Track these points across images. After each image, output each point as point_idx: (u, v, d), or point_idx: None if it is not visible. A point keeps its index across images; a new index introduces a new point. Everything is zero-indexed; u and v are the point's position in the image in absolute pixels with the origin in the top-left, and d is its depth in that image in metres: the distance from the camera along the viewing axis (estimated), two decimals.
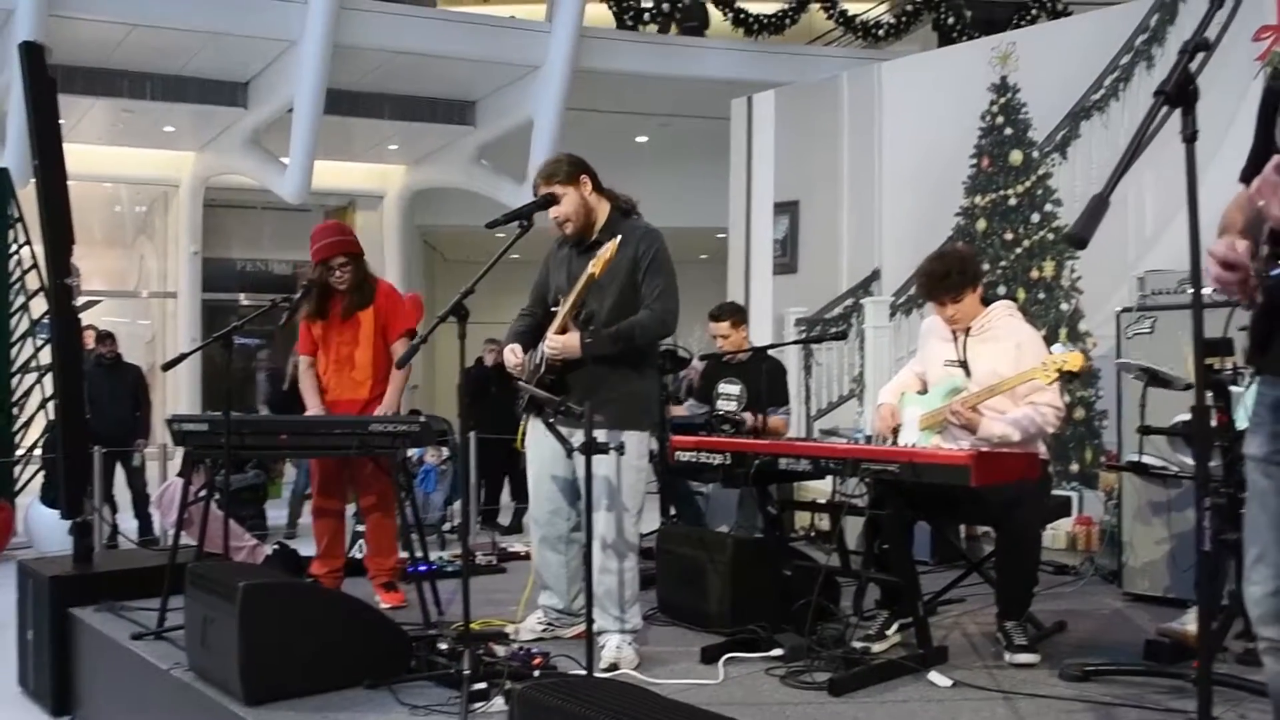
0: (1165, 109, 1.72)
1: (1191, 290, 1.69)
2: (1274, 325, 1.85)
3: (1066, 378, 3.67)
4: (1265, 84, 1.96)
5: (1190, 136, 1.67)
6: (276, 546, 5.50)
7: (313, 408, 4.74)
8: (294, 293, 4.67)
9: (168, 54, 10.04)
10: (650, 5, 11.53)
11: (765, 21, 11.83)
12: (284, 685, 3.23)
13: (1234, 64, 5.61)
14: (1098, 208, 1.63)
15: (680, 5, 11.63)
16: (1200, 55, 1.76)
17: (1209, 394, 3.60)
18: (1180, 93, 1.69)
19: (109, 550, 6.82)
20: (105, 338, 8.37)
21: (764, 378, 5.22)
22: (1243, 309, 1.93)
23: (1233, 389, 3.46)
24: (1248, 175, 1.93)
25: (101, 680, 4.19)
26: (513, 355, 3.88)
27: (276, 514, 8.58)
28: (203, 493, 4.51)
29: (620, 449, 3.48)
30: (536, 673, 3.38)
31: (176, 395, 11.87)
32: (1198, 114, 1.72)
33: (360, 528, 5.41)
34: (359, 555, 5.17)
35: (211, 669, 3.39)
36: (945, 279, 3.95)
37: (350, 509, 5.06)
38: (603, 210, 3.88)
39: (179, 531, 4.41)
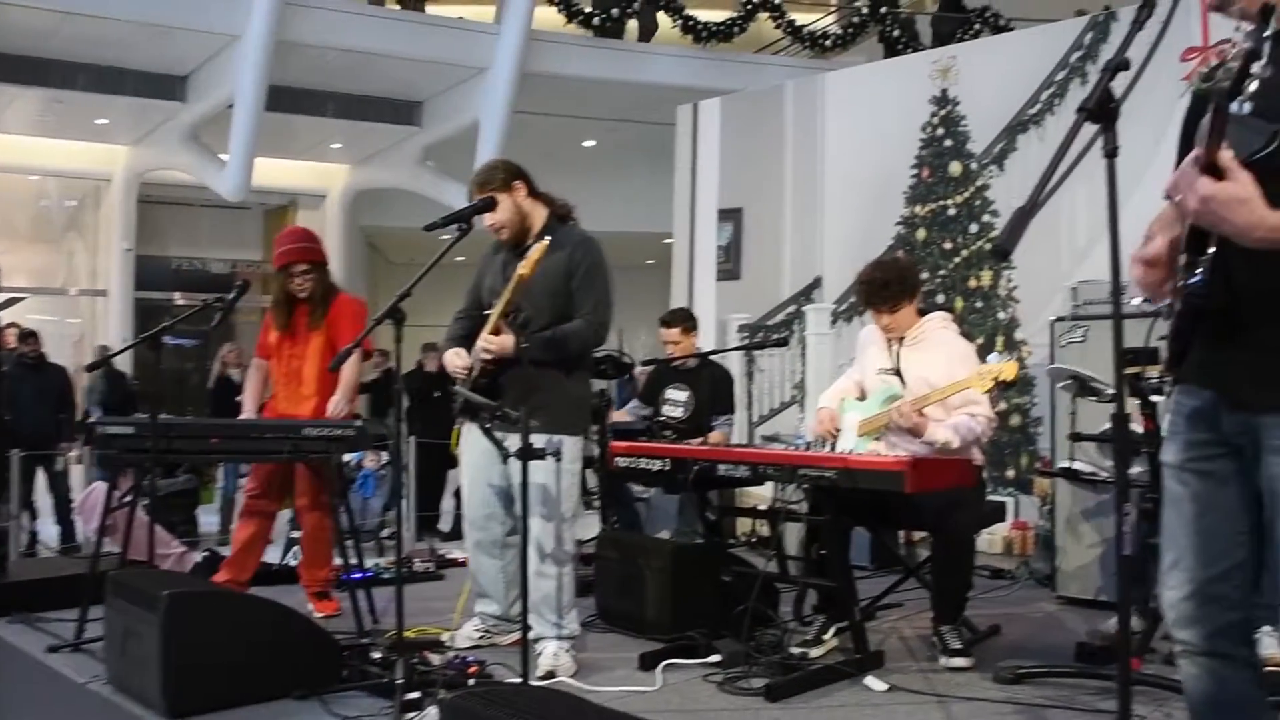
0: (1097, 127, 1.74)
1: (1112, 301, 1.71)
2: (1191, 335, 1.88)
3: (1001, 386, 3.73)
4: (1191, 98, 2.00)
5: (1111, 152, 1.70)
6: (206, 554, 5.39)
7: (247, 411, 4.66)
8: (229, 293, 4.58)
9: (103, 44, 9.80)
10: (599, 11, 11.50)
11: (714, 29, 11.86)
12: (208, 697, 3.14)
13: (1162, 84, 5.72)
14: (1020, 220, 1.65)
15: (630, 11, 11.62)
16: (1121, 74, 1.79)
17: (1136, 402, 3.68)
18: (1101, 109, 1.71)
19: (26, 559, 6.62)
20: (28, 337, 8.12)
21: (709, 384, 5.23)
22: (1163, 318, 1.97)
23: (1156, 398, 3.53)
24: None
25: (12, 696, 4.03)
26: (456, 358, 3.85)
27: (210, 519, 8.41)
28: (128, 498, 4.39)
29: (557, 454, 3.47)
30: (471, 681, 3.35)
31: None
32: (1129, 132, 1.75)
33: (296, 534, 5.32)
34: (294, 563, 5.09)
35: (132, 682, 3.29)
36: (884, 289, 4.00)
37: (286, 514, 4.97)
38: (538, 215, 3.87)
39: (101, 538, 4.28)
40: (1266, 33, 1.74)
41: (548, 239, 3.61)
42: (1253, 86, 1.71)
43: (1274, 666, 2.99)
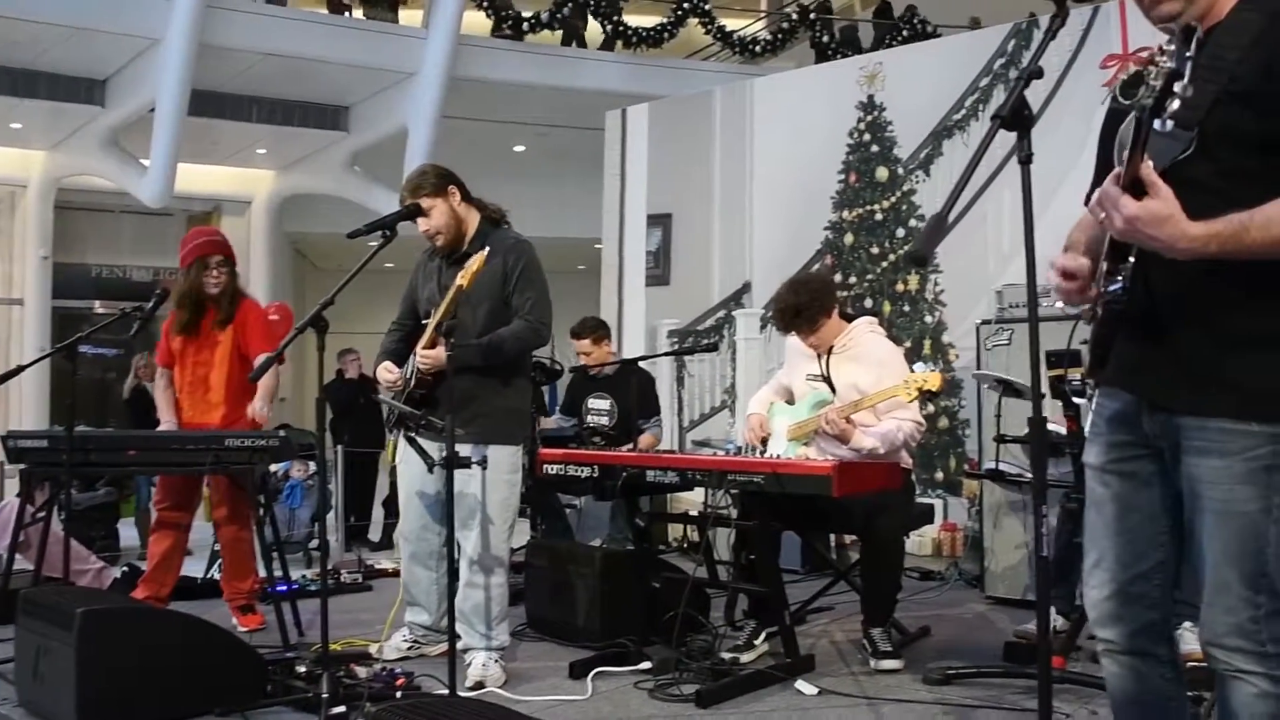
0: (1021, 137, 1.75)
1: (1029, 305, 1.73)
2: (1112, 340, 1.91)
3: (926, 396, 3.77)
4: (1108, 107, 2.03)
5: (1026, 159, 1.71)
6: (125, 569, 5.24)
7: (165, 422, 4.54)
8: (149, 301, 4.46)
9: (17, 46, 9.51)
10: (530, 15, 11.47)
11: (644, 34, 11.88)
12: (125, 718, 3.05)
13: (1084, 90, 5.86)
14: (936, 227, 1.67)
15: (559, 17, 11.60)
16: (1042, 82, 1.81)
17: (1060, 404, 3.74)
18: (1015, 117, 1.73)
19: None
20: None
21: (634, 390, 5.22)
22: (1084, 323, 2.01)
23: (1078, 400, 3.59)
24: (1090, 200, 2.00)
25: None
26: (387, 373, 3.80)
27: (131, 533, 8.19)
28: (42, 513, 4.25)
29: (483, 463, 3.43)
30: (398, 694, 3.30)
31: (21, 409, 11.26)
32: (1050, 138, 1.77)
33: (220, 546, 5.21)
34: (218, 576, 4.97)
35: (45, 703, 3.19)
36: (799, 315, 4.02)
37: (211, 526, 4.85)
38: (472, 220, 3.84)
39: (12, 555, 4.14)
40: (1188, 53, 1.78)
41: (486, 250, 3.56)
42: (1174, 105, 1.75)
43: (1195, 662, 3.05)
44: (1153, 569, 1.92)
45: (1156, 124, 1.73)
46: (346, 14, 10.99)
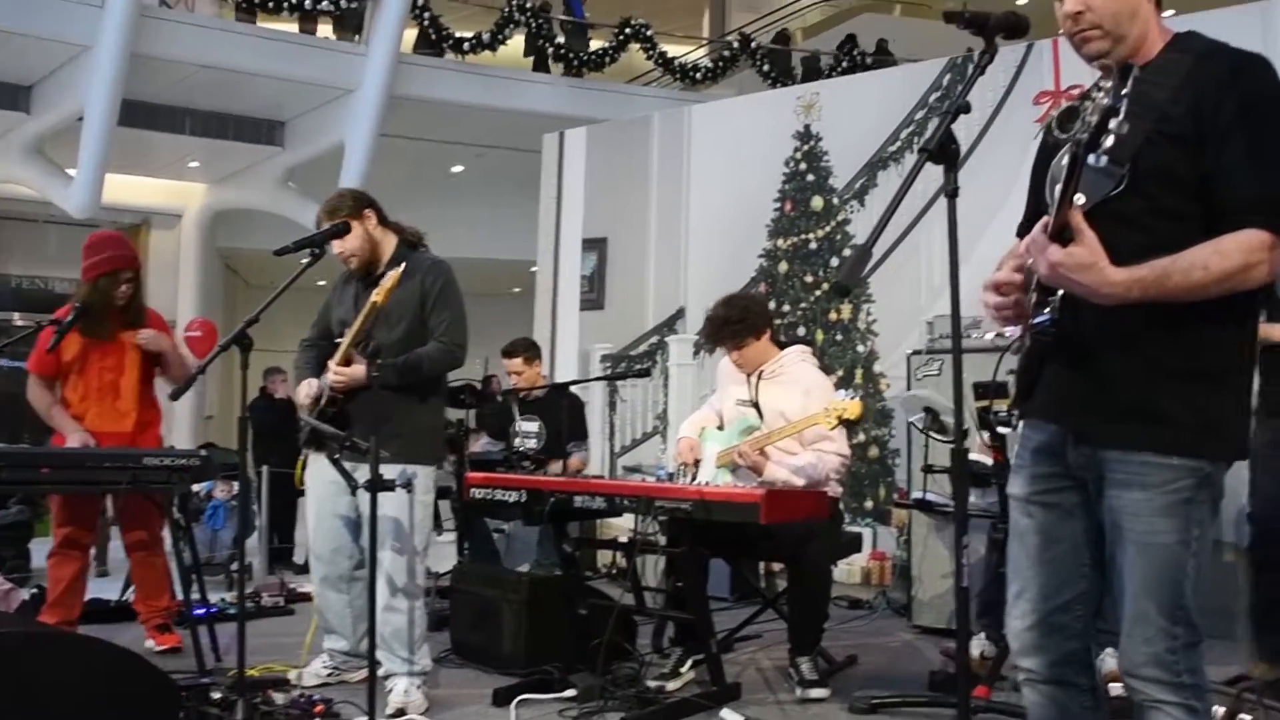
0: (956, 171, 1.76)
1: (952, 337, 1.74)
2: (1038, 373, 1.93)
3: (847, 424, 3.78)
4: (1040, 140, 2.07)
5: (952, 193, 1.73)
6: (35, 591, 5.07)
7: (73, 435, 4.32)
8: (66, 315, 4.32)
9: None
10: (470, 35, 11.45)
11: (586, 58, 11.91)
12: None
13: (1017, 126, 5.97)
14: (860, 257, 1.67)
15: (500, 38, 11.59)
16: (980, 115, 1.83)
17: (986, 434, 3.78)
18: (941, 150, 1.75)
19: None
20: None
21: (564, 413, 5.19)
22: (1012, 354, 2.02)
23: (1004, 430, 3.63)
24: (1023, 231, 2.03)
25: None
26: (309, 388, 3.74)
27: (45, 552, 7.93)
28: None
29: (408, 485, 3.38)
30: None
31: None
32: (982, 172, 1.79)
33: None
34: (132, 599, 4.82)
35: None
36: (725, 327, 4.05)
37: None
38: (389, 243, 3.82)
39: None
40: (1124, 90, 1.80)
41: (402, 265, 3.55)
42: (1109, 141, 1.77)
43: (1115, 682, 3.10)
44: (1074, 599, 1.93)
45: (1090, 159, 1.75)
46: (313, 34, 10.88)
